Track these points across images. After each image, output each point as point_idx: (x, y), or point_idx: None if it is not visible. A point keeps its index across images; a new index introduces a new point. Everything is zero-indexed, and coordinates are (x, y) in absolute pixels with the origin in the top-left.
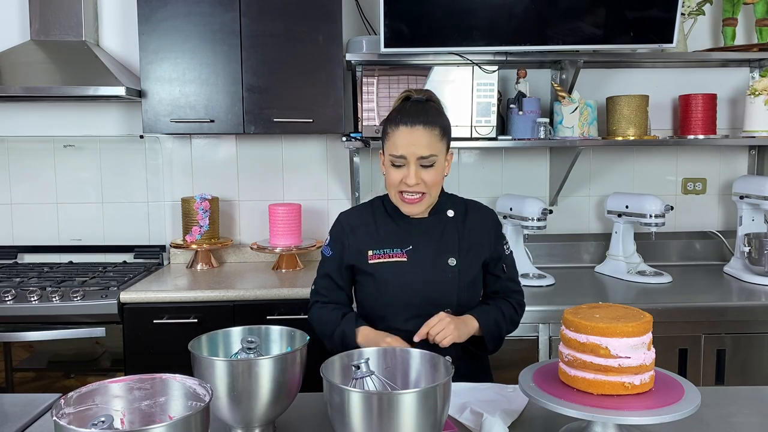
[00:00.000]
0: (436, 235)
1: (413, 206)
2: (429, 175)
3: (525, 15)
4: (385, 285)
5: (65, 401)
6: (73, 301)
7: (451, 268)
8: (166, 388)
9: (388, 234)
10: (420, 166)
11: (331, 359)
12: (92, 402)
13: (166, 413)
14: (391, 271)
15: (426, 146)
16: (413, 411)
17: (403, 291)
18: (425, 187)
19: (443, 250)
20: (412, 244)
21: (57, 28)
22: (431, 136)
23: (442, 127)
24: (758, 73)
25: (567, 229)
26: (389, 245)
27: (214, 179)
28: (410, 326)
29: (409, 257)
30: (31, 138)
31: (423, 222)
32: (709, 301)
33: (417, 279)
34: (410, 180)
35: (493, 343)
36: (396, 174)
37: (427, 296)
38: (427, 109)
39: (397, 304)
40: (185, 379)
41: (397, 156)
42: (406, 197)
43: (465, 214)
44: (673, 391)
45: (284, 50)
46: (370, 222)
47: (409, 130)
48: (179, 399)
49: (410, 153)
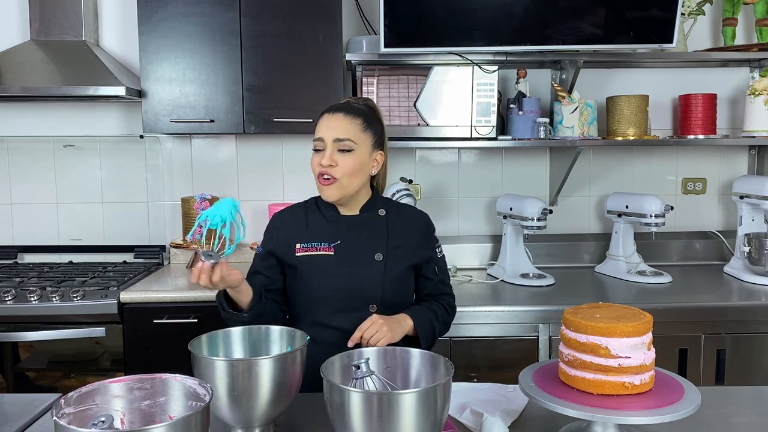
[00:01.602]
0: (365, 231)
1: (326, 188)
2: (345, 160)
3: (525, 15)
4: (309, 278)
5: (65, 401)
6: (73, 301)
7: (377, 263)
8: (166, 388)
9: (318, 229)
10: (337, 150)
11: (331, 359)
12: (92, 402)
13: (166, 413)
14: (315, 264)
15: (343, 130)
16: (413, 411)
17: (326, 284)
18: (339, 171)
19: (370, 245)
20: (340, 239)
21: (57, 28)
22: (351, 123)
23: (366, 119)
24: (758, 73)
25: (567, 229)
26: (317, 239)
27: (214, 179)
28: (335, 321)
29: (336, 251)
30: (31, 138)
31: (353, 218)
32: (709, 301)
33: (341, 272)
34: (324, 160)
35: (427, 342)
36: (316, 158)
37: (352, 290)
38: (354, 105)
39: (321, 298)
40: (185, 379)
41: (316, 139)
42: (323, 180)
43: (397, 214)
44: (673, 391)
45: (284, 50)
46: (301, 218)
47: (330, 116)
48: (179, 399)
49: (328, 135)
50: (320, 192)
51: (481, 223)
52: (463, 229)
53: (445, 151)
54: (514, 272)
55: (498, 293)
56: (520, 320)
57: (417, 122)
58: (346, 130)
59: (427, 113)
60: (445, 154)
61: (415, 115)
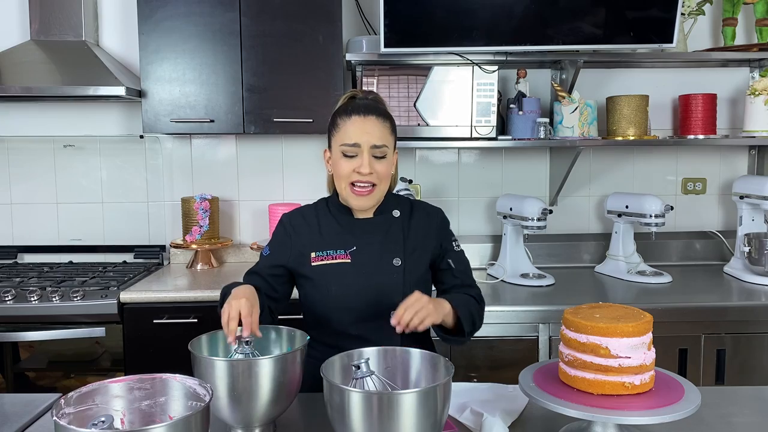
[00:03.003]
0: (381, 235)
1: (364, 198)
2: (381, 166)
3: (525, 15)
4: (327, 288)
5: (65, 401)
6: (73, 301)
7: (396, 269)
8: (166, 388)
9: (331, 235)
10: (372, 156)
11: (331, 359)
12: (92, 402)
13: (167, 413)
14: (333, 273)
15: (379, 136)
16: (413, 411)
17: (346, 293)
18: (377, 178)
19: (388, 250)
20: (356, 245)
21: (57, 28)
22: (384, 127)
23: (392, 122)
24: (758, 73)
25: (567, 229)
26: (332, 246)
27: (214, 179)
28: (355, 330)
29: (353, 258)
30: (31, 138)
31: (368, 222)
32: (709, 301)
33: (360, 281)
34: (364, 168)
35: (470, 326)
36: (347, 164)
37: (372, 298)
38: (377, 105)
39: (340, 308)
40: (185, 379)
41: (350, 145)
42: (357, 189)
43: (410, 214)
44: (673, 391)
45: (284, 50)
46: (313, 223)
47: (363, 119)
48: (179, 399)
49: (364, 141)
50: (351, 200)
51: (481, 223)
52: (463, 229)
53: (445, 151)
54: (514, 272)
55: (498, 293)
56: (520, 320)
57: (417, 122)
58: (381, 136)
59: (427, 113)
60: (445, 154)
61: (415, 115)
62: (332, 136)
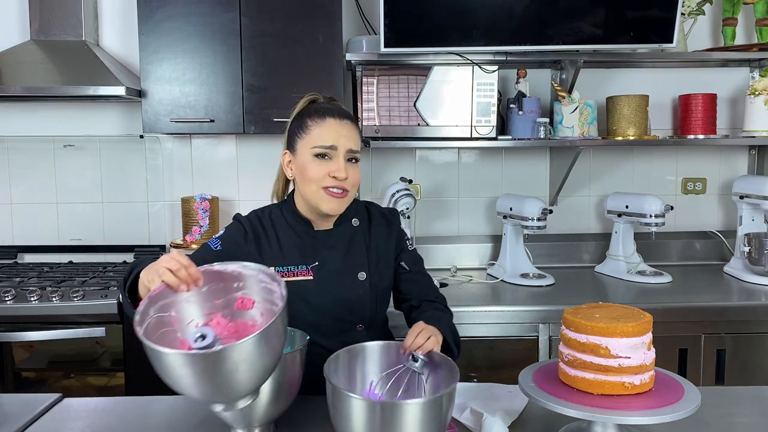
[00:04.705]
0: (343, 248)
1: (338, 201)
2: (354, 172)
3: (525, 15)
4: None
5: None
6: (73, 301)
7: (361, 283)
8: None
9: (291, 248)
10: (347, 160)
11: (334, 355)
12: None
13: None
14: (294, 292)
15: (355, 141)
16: (418, 420)
17: (309, 312)
18: (350, 185)
19: (351, 264)
20: (317, 259)
21: (57, 28)
22: (357, 134)
23: (359, 129)
24: (758, 73)
25: (567, 229)
26: (293, 262)
27: (214, 179)
28: (323, 343)
29: (315, 275)
30: (31, 138)
31: (328, 234)
32: (709, 301)
33: (324, 300)
34: (341, 173)
35: (458, 347)
36: (321, 167)
37: (337, 315)
38: (348, 111)
39: (303, 326)
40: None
41: (326, 147)
42: (333, 191)
43: (369, 220)
44: (673, 391)
45: (284, 50)
46: (271, 233)
47: (339, 122)
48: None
49: (341, 144)
50: (322, 204)
51: (481, 223)
52: (463, 229)
53: (445, 151)
54: (514, 272)
55: (498, 293)
56: (520, 320)
57: (417, 122)
58: (356, 141)
59: (427, 113)
60: (445, 154)
61: (415, 115)
62: (298, 137)
